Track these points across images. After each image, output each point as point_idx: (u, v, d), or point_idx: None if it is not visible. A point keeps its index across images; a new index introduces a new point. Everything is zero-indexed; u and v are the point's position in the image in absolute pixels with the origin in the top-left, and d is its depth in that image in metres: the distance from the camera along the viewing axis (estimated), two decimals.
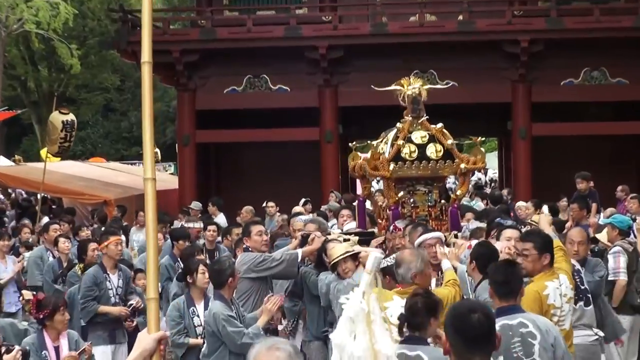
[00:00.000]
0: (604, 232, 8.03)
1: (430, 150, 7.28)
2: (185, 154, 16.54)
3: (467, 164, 7.31)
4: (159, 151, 26.39)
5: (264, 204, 13.74)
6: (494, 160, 26.71)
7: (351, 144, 8.62)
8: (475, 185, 22.11)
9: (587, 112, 16.22)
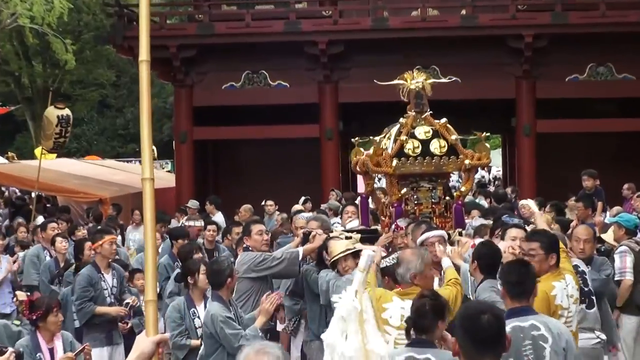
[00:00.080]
0: (609, 232, 8.01)
1: (434, 145, 7.24)
2: (182, 152, 16.53)
3: (471, 160, 7.27)
4: (155, 148, 26.38)
5: (263, 202, 13.74)
6: (497, 158, 26.69)
7: (353, 139, 8.60)
8: (479, 184, 22.08)
9: (592, 109, 16.21)
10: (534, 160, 15.72)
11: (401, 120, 7.48)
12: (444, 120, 7.41)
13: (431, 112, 7.45)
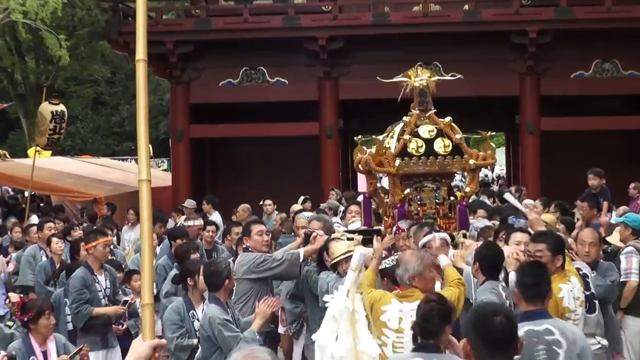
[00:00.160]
0: (615, 234, 8.00)
1: (438, 145, 7.22)
2: (178, 150, 16.52)
3: (476, 159, 7.25)
4: (151, 147, 26.35)
5: (261, 202, 13.73)
6: (501, 156, 26.70)
7: (356, 137, 8.59)
8: (482, 182, 22.05)
9: (598, 106, 16.21)
10: (538, 159, 15.71)
11: (405, 118, 7.45)
12: (448, 118, 7.37)
13: (435, 110, 7.43)
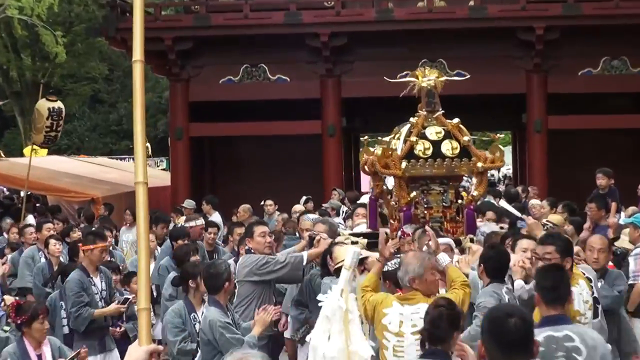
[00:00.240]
0: (623, 237, 7.98)
1: (445, 147, 7.17)
2: (178, 149, 16.52)
3: (484, 162, 7.20)
4: (149, 146, 26.39)
5: (262, 202, 13.72)
6: (507, 156, 26.63)
7: (362, 138, 8.56)
8: (488, 182, 22.03)
9: (606, 104, 16.18)
10: (545, 158, 15.69)
11: (412, 119, 7.42)
12: (456, 120, 7.32)
13: (443, 111, 7.39)
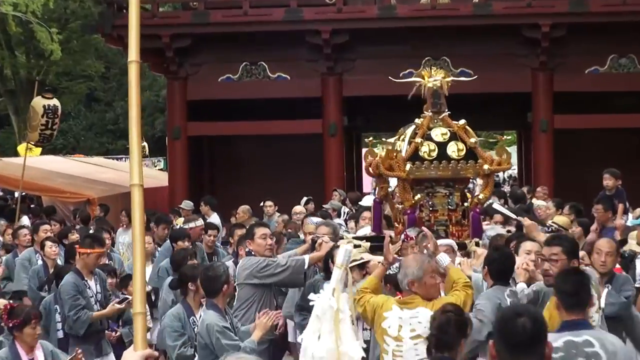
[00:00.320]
0: (631, 241, 7.96)
1: (451, 149, 7.15)
2: (175, 148, 16.52)
3: (491, 164, 7.18)
4: (146, 145, 26.41)
5: (262, 203, 13.72)
6: (512, 156, 26.65)
7: (367, 139, 8.55)
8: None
9: (613, 103, 16.17)
10: (551, 158, 15.69)
11: (417, 121, 7.40)
12: (462, 121, 7.30)
13: (449, 112, 7.38)
